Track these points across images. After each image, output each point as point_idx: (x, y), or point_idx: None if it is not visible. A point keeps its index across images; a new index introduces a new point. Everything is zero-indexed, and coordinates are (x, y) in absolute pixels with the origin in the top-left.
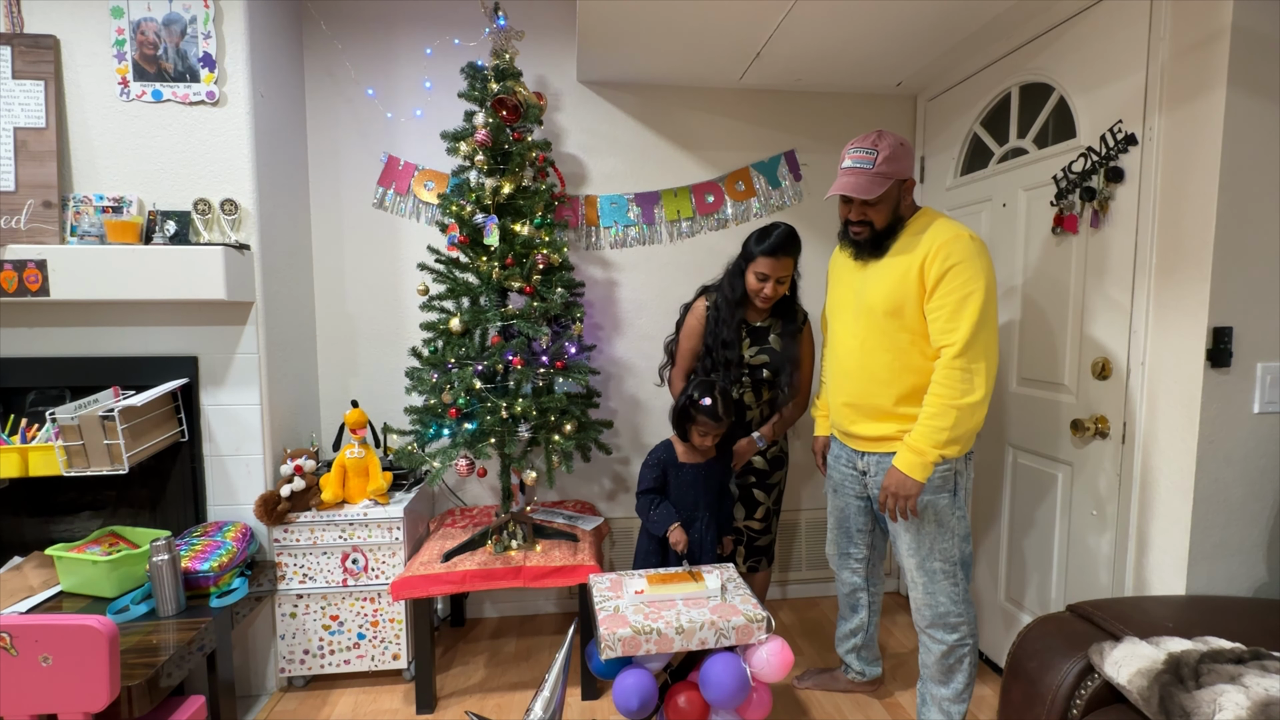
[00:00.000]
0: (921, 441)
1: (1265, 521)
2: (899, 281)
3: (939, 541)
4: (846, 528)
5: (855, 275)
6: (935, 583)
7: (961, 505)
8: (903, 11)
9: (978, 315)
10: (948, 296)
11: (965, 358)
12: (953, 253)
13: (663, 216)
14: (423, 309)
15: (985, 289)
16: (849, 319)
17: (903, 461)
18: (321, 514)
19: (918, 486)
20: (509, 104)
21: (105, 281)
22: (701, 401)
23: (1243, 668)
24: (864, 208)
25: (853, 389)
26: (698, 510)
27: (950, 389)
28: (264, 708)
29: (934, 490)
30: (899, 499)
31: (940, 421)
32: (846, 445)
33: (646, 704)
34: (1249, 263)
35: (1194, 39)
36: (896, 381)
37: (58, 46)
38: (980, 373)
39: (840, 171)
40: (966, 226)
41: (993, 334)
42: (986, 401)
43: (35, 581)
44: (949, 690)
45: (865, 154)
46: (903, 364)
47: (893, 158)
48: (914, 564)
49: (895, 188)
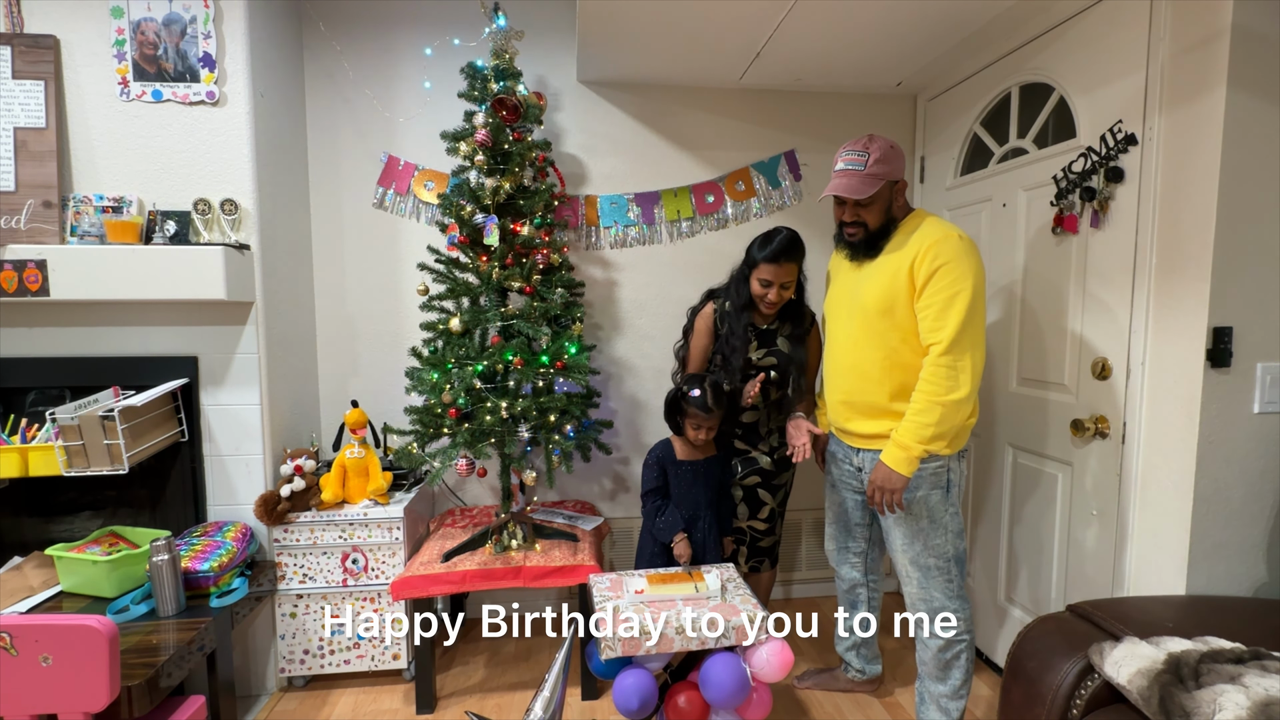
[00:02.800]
0: (907, 436)
1: (1265, 521)
2: (890, 281)
3: (932, 537)
4: (845, 523)
5: (850, 275)
6: (929, 578)
7: (954, 502)
8: (903, 11)
9: (964, 314)
10: (936, 295)
11: (951, 355)
12: (941, 252)
13: (663, 216)
14: (423, 309)
15: (972, 288)
16: (844, 318)
17: (889, 456)
18: (321, 514)
19: (903, 480)
20: (509, 104)
21: (105, 281)
22: (691, 393)
23: (1243, 668)
24: (857, 209)
25: (847, 386)
26: (700, 509)
27: (936, 385)
28: (264, 708)
29: (926, 487)
30: (885, 492)
31: (925, 417)
32: (844, 442)
33: (646, 704)
34: (1249, 263)
35: (1194, 39)
36: (888, 379)
37: (58, 46)
38: (965, 370)
39: (833, 174)
40: (956, 227)
41: (979, 332)
42: (972, 398)
43: (35, 581)
44: (946, 687)
45: (857, 156)
46: (894, 362)
47: (884, 159)
48: (907, 560)
49: (887, 189)
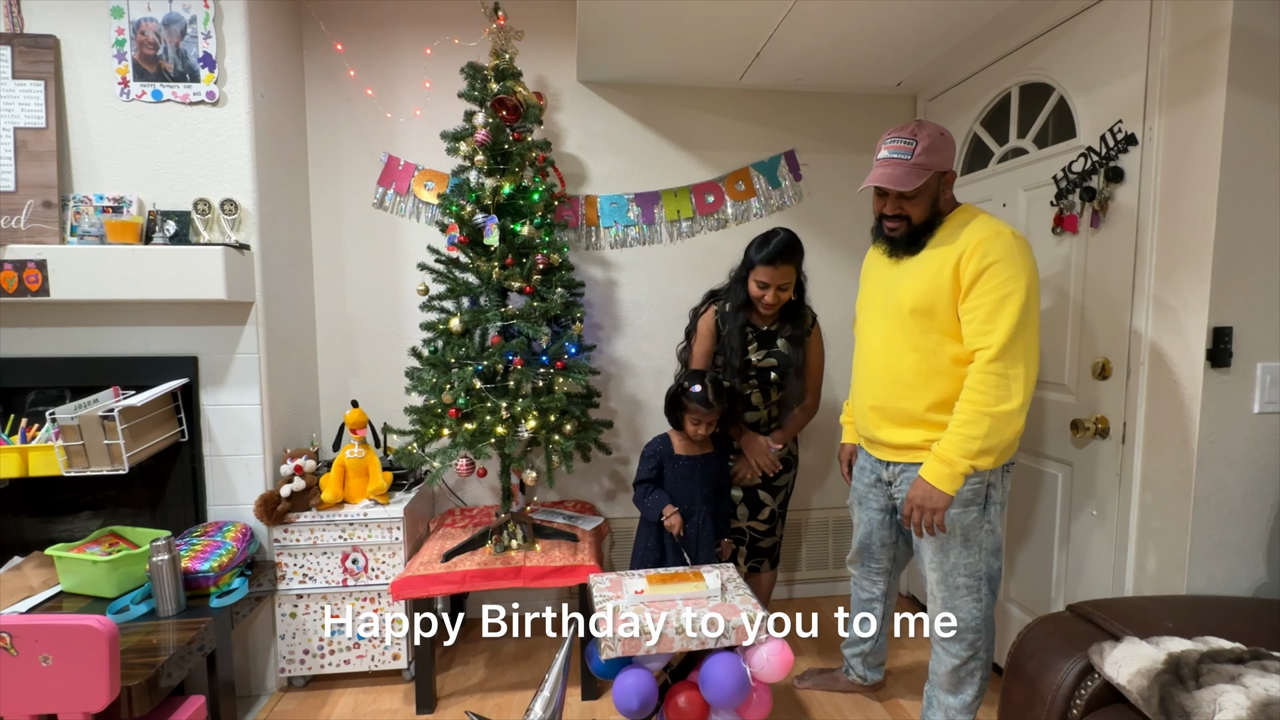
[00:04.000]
0: (951, 451)
1: (1265, 521)
2: (932, 279)
3: (965, 556)
4: (869, 545)
5: (887, 272)
6: (957, 598)
7: (993, 520)
8: (903, 11)
9: (1017, 317)
10: (985, 296)
11: (1003, 362)
12: (991, 250)
13: (663, 216)
14: (423, 309)
15: (1026, 289)
16: (876, 317)
17: (930, 472)
18: (321, 514)
19: (946, 499)
20: (509, 104)
21: (105, 281)
22: (692, 389)
23: (1243, 668)
24: (900, 201)
25: (879, 391)
26: (694, 504)
27: (985, 395)
28: (264, 708)
29: (962, 504)
30: (925, 512)
31: (972, 430)
32: (871, 455)
33: (646, 704)
34: (1249, 263)
35: (1194, 39)
36: (925, 385)
37: (58, 46)
38: (1019, 379)
39: (875, 163)
40: (1008, 224)
41: (1033, 337)
42: (1024, 410)
43: (35, 581)
44: (958, 700)
45: (904, 144)
46: (931, 366)
47: (932, 148)
48: (936, 578)
49: (934, 180)
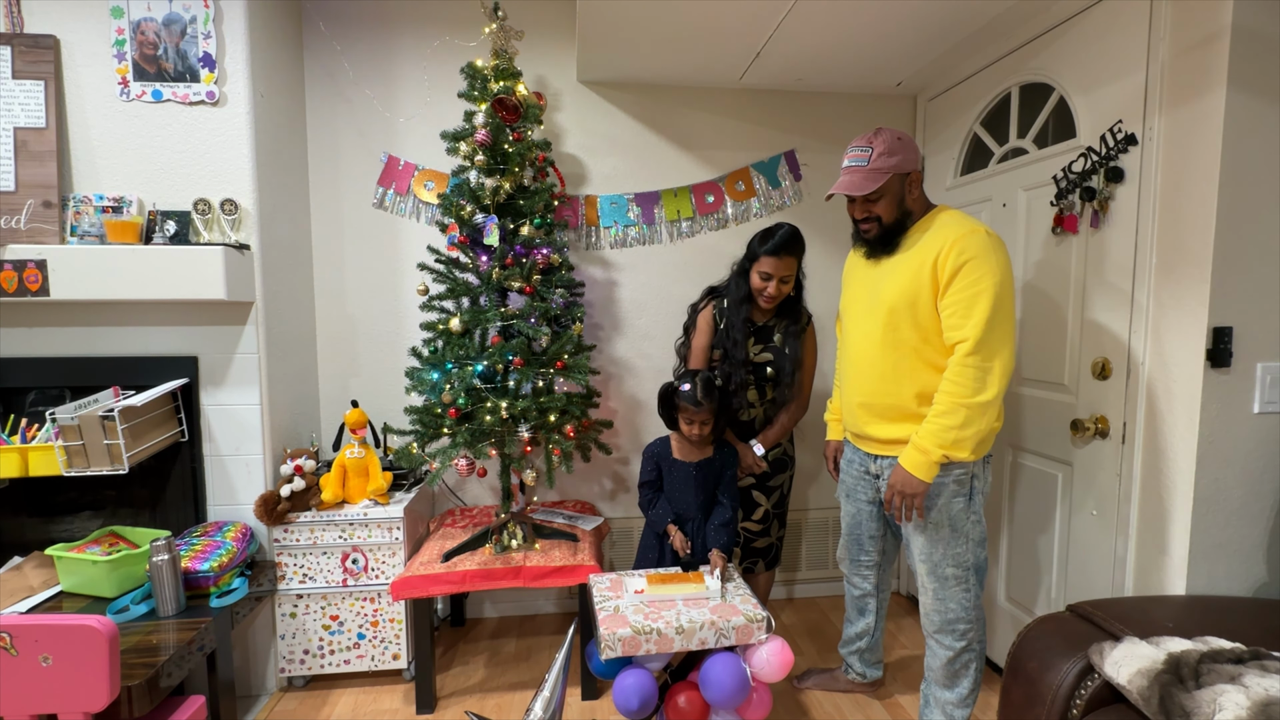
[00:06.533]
0: (927, 440)
1: (1265, 521)
2: (912, 277)
3: (953, 546)
4: (858, 535)
5: (868, 273)
6: (946, 588)
7: (978, 510)
8: (902, 11)
9: (989, 311)
10: (961, 293)
11: (978, 355)
12: (966, 248)
13: (663, 216)
14: (423, 309)
15: (999, 285)
16: (861, 316)
17: (908, 460)
18: (321, 514)
19: (923, 486)
20: (509, 104)
21: (105, 281)
22: (681, 387)
23: (1243, 668)
24: (867, 204)
25: (866, 388)
26: (690, 510)
27: (961, 386)
28: (264, 708)
29: (949, 494)
30: (904, 497)
31: (948, 420)
32: (859, 449)
33: (646, 704)
34: (1249, 263)
35: (1194, 39)
36: (910, 380)
37: (58, 46)
38: (993, 371)
39: (841, 172)
40: (981, 222)
41: (1008, 332)
42: (998, 401)
43: (35, 581)
44: (954, 695)
45: (861, 151)
46: (915, 361)
47: (889, 151)
48: (926, 569)
49: (896, 181)
